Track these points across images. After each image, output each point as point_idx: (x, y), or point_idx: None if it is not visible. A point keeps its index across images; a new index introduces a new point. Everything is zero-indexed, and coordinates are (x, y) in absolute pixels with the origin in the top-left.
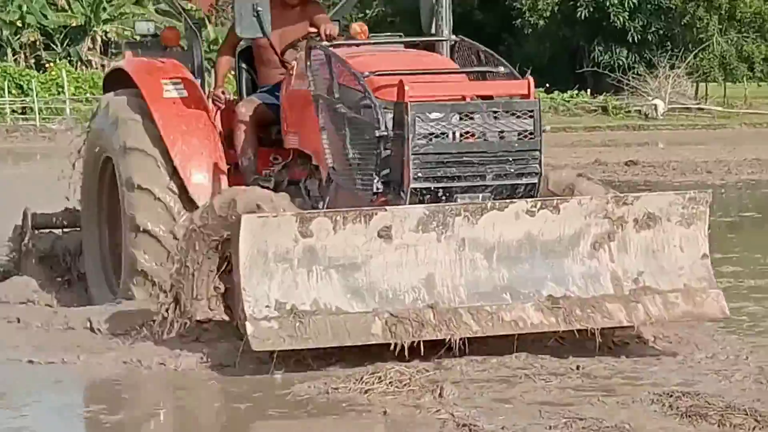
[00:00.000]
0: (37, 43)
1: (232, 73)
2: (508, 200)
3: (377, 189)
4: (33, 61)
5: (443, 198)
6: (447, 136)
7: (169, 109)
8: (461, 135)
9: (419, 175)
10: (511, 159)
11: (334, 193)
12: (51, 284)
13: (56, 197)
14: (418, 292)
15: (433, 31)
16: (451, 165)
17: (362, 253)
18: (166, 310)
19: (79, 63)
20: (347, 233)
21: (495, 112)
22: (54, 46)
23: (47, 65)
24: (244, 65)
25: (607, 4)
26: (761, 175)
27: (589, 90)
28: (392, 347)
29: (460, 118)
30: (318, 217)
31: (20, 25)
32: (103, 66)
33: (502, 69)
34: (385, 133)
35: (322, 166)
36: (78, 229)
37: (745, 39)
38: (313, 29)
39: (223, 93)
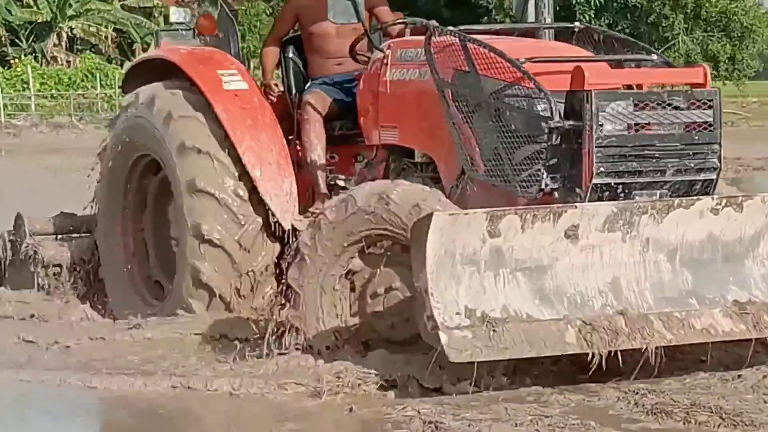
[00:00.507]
0: (2, 39)
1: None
2: (693, 197)
3: (545, 185)
4: None
5: (621, 195)
6: (627, 127)
7: (232, 102)
8: (639, 127)
9: (602, 169)
10: (691, 153)
11: (465, 190)
12: (58, 296)
13: (26, 194)
14: (606, 297)
15: (531, 18)
16: (633, 159)
17: (548, 254)
18: (286, 320)
19: (44, 59)
20: (535, 233)
21: (676, 101)
22: (19, 42)
23: (12, 61)
24: (292, 55)
25: (574, 2)
26: (726, 173)
27: None
28: None
29: (640, 108)
30: (507, 216)
31: None
32: (68, 62)
33: (655, 57)
34: (560, 125)
35: (448, 163)
36: (78, 234)
37: (710, 38)
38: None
39: (276, 85)
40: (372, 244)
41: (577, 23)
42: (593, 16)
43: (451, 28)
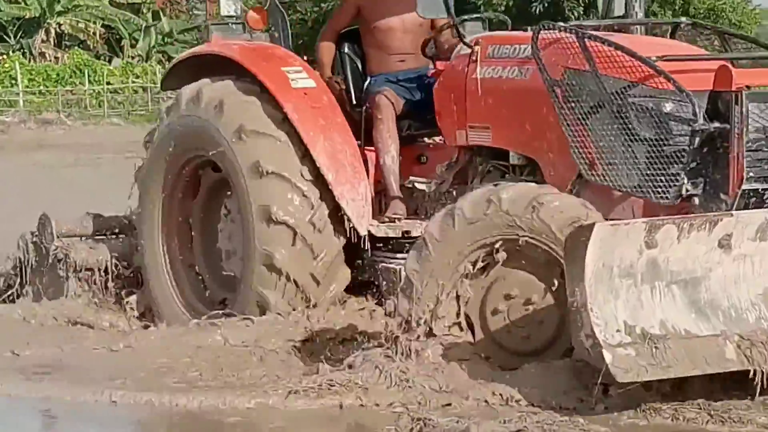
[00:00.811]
0: None
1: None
2: None
3: (686, 191)
4: None
5: (765, 201)
6: None
7: (303, 102)
8: None
9: (751, 174)
10: None
11: (580, 195)
12: (99, 301)
13: (18, 191)
14: (759, 310)
15: (619, 12)
16: None
17: (702, 265)
18: (404, 326)
19: (32, 56)
20: (690, 243)
21: None
22: (7, 38)
23: (0, 57)
24: (348, 51)
25: None
26: None
27: None
28: None
29: None
30: (665, 225)
31: None
32: (57, 58)
33: None
34: (705, 127)
35: (556, 166)
36: (106, 236)
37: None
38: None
39: (337, 82)
40: (503, 249)
41: (683, 18)
42: (582, 12)
43: (562, 24)
